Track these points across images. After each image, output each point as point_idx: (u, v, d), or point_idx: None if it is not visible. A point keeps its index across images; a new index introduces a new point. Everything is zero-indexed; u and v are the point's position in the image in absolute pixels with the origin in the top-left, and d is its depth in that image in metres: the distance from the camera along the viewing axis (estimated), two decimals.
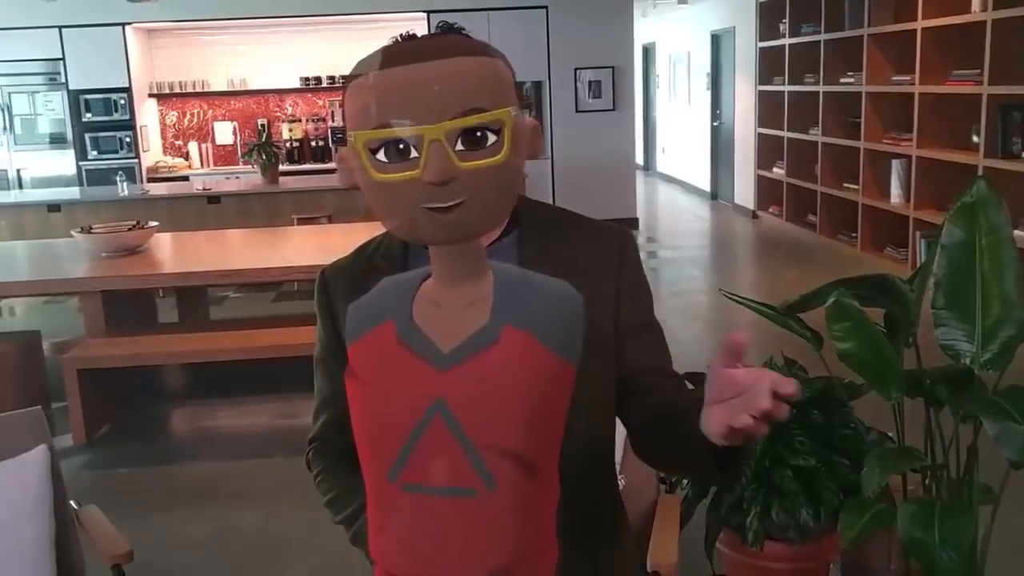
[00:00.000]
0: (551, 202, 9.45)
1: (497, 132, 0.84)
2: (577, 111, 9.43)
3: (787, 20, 8.61)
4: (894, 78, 6.89)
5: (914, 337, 2.19)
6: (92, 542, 2.12)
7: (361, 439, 0.92)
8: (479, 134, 0.84)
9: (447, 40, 0.88)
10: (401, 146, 0.84)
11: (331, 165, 9.24)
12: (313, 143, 9.41)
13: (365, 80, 0.87)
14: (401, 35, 0.93)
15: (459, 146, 0.83)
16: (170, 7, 8.50)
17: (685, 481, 2.42)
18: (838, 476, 2.38)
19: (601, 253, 1.16)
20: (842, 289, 2.09)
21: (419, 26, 9.34)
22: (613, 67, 9.29)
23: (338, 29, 9.30)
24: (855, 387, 2.43)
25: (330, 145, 9.37)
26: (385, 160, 0.85)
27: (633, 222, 9.56)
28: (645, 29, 13.36)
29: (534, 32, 9.26)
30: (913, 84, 6.48)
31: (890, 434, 2.48)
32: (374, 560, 0.93)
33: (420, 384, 0.87)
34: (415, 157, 0.83)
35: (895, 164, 6.96)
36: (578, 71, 9.33)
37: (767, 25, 9.21)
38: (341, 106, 0.97)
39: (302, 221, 6.91)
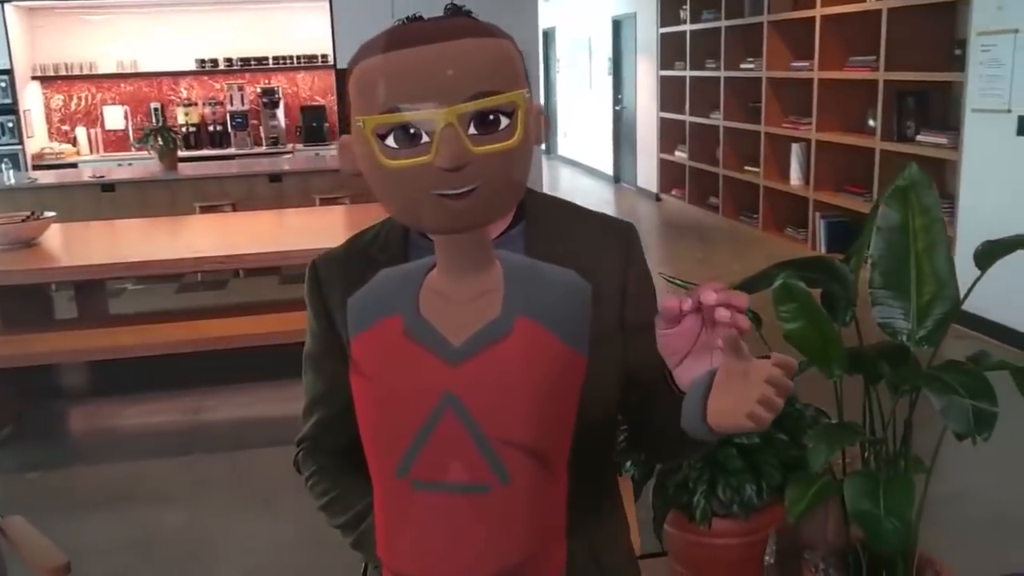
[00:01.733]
0: None
1: (510, 115, 0.82)
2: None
3: (688, 6, 8.78)
4: (793, 64, 7.12)
5: (853, 315, 2.26)
6: (21, 555, 1.99)
7: (368, 436, 0.90)
8: (492, 117, 0.81)
9: (454, 22, 0.86)
10: (412, 131, 0.81)
11: (231, 151, 8.95)
12: (211, 128, 9.07)
13: (372, 63, 0.83)
14: (407, 17, 0.90)
15: (471, 130, 0.80)
16: None
17: (629, 463, 2.44)
18: (779, 453, 2.45)
19: (607, 246, 1.15)
20: (789, 271, 2.13)
21: (323, 8, 9.08)
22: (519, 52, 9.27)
23: (236, 9, 8.98)
24: None
25: (229, 130, 9.06)
26: (395, 146, 0.82)
27: None
28: (545, 13, 13.41)
29: (438, 15, 9.16)
30: (812, 70, 6.71)
31: (824, 410, 2.57)
32: (382, 560, 0.90)
33: (430, 378, 0.85)
34: (426, 142, 0.80)
35: (795, 147, 7.20)
36: None
37: (668, 11, 9.37)
38: (346, 92, 0.92)
39: (205, 209, 6.67)
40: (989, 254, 2.06)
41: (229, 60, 8.99)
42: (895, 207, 2.23)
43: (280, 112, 9.14)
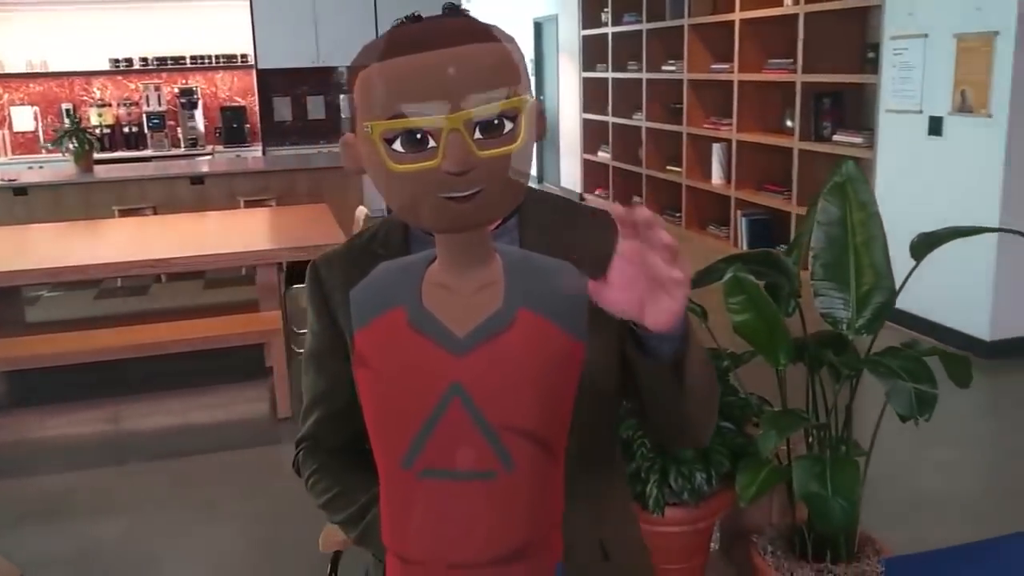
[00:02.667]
0: None
1: (513, 119, 0.84)
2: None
3: (609, 9, 8.92)
4: (713, 66, 7.31)
5: (797, 306, 2.35)
6: None
7: (373, 427, 0.91)
8: (496, 122, 0.84)
9: (457, 24, 0.87)
10: (418, 136, 0.83)
11: (148, 153, 8.71)
12: (126, 129, 8.82)
13: (378, 68, 0.85)
14: (406, 17, 0.91)
15: (476, 134, 0.83)
16: None
17: None
18: (726, 441, 2.53)
19: (598, 236, 1.16)
20: (738, 264, 2.21)
21: (242, 6, 8.90)
22: None
23: (152, 7, 8.74)
24: (738, 357, 2.59)
25: (145, 131, 8.82)
26: (401, 150, 0.84)
27: None
28: (473, 11, 13.42)
29: (362, 14, 9.10)
30: (732, 72, 6.90)
31: (767, 399, 2.66)
32: (387, 546, 0.92)
33: (435, 369, 0.87)
34: (433, 147, 0.83)
35: (716, 147, 7.40)
36: None
37: (589, 13, 9.50)
38: (350, 92, 0.93)
39: (124, 213, 6.48)
40: (925, 245, 2.18)
41: (145, 59, 8.76)
42: (834, 202, 2.34)
43: (199, 113, 8.94)
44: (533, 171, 12.11)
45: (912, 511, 3.19)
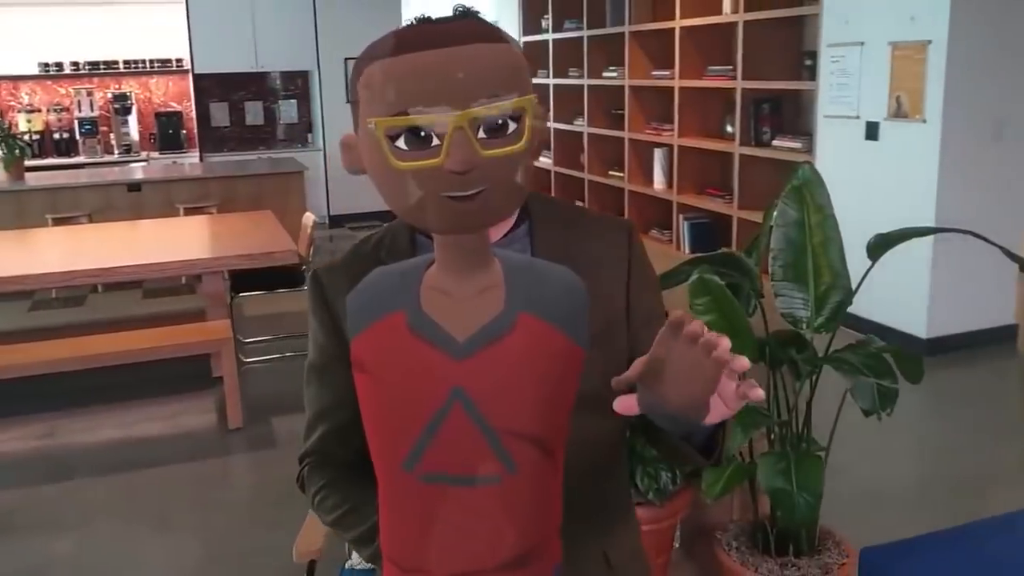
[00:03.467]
0: (325, 190, 9.27)
1: (517, 120, 0.84)
2: (347, 102, 9.26)
3: (550, 16, 8.99)
4: (654, 73, 7.42)
5: (757, 306, 2.41)
6: None
7: (373, 432, 0.90)
8: (500, 122, 0.83)
9: (464, 25, 0.87)
10: (422, 133, 0.83)
11: (80, 160, 8.47)
12: (57, 135, 8.56)
13: (384, 64, 0.85)
14: (416, 18, 0.91)
15: (480, 134, 0.83)
16: None
17: None
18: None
19: (610, 243, 1.17)
20: (704, 266, 2.25)
21: (177, 10, 8.71)
22: None
23: (82, 9, 8.50)
24: None
25: (77, 138, 8.57)
26: (405, 148, 0.83)
27: None
28: (408, 19, 13.39)
29: (301, 19, 9.00)
30: (672, 79, 7.01)
31: None
32: (385, 556, 0.91)
33: (436, 374, 0.86)
34: (436, 145, 0.82)
35: (657, 153, 7.51)
36: (348, 61, 9.18)
37: (530, 20, 9.56)
38: (354, 89, 0.93)
39: (58, 221, 6.29)
40: (881, 246, 2.25)
41: (76, 64, 8.52)
42: (792, 205, 2.40)
43: (133, 119, 8.73)
44: None
45: (865, 504, 3.29)
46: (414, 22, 0.90)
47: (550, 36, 9.01)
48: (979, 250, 2.26)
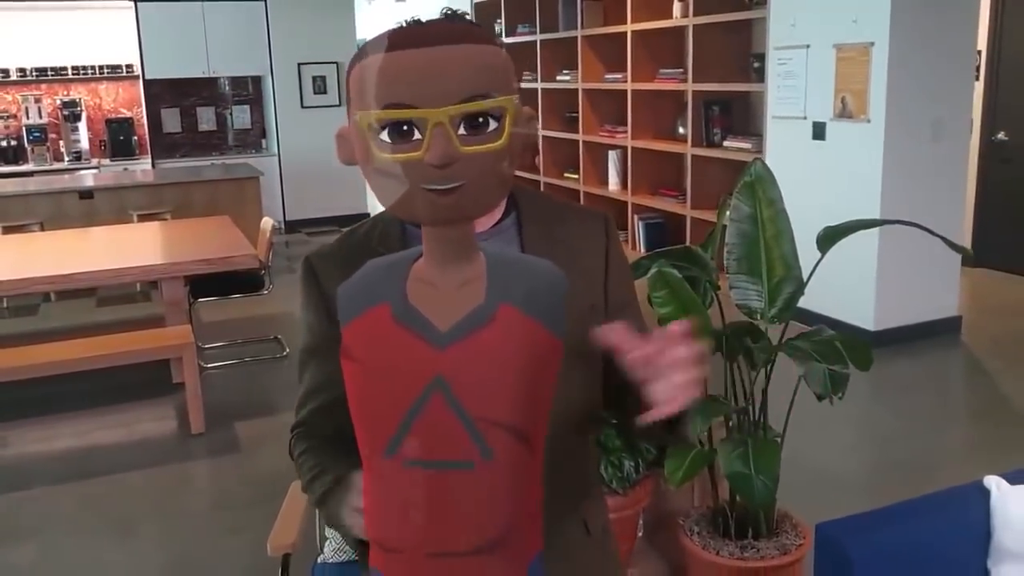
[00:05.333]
0: (280, 196, 9.22)
1: (498, 119, 0.88)
2: (303, 107, 9.27)
3: (503, 20, 9.06)
4: (607, 76, 7.53)
5: (714, 298, 2.49)
6: None
7: (358, 417, 0.93)
8: (481, 120, 0.87)
9: (453, 26, 0.91)
10: (405, 128, 0.86)
11: (28, 167, 8.33)
12: (3, 143, 8.40)
13: (373, 60, 0.89)
14: (407, 20, 0.95)
15: (461, 131, 0.86)
16: None
17: None
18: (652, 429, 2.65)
19: (590, 232, 1.22)
20: (661, 260, 2.33)
21: (126, 14, 8.59)
22: (337, 63, 9.23)
23: (29, 14, 8.37)
24: None
25: (25, 145, 8.43)
26: (389, 141, 0.87)
27: (364, 217, 9.59)
28: (365, 24, 13.35)
29: (253, 24, 8.96)
30: (625, 82, 7.13)
31: None
32: (370, 536, 0.94)
33: (419, 362, 0.89)
34: (418, 139, 0.86)
35: (611, 154, 7.61)
36: (301, 66, 9.16)
37: (483, 24, 9.58)
38: (347, 84, 0.98)
39: (9, 230, 6.20)
40: (830, 238, 2.35)
41: (23, 70, 8.38)
42: (745, 200, 2.48)
43: (83, 125, 8.61)
44: None
45: (819, 487, 3.40)
46: (405, 24, 0.94)
47: (503, 40, 9.08)
48: (923, 245, 2.37)
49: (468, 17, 0.96)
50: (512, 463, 0.89)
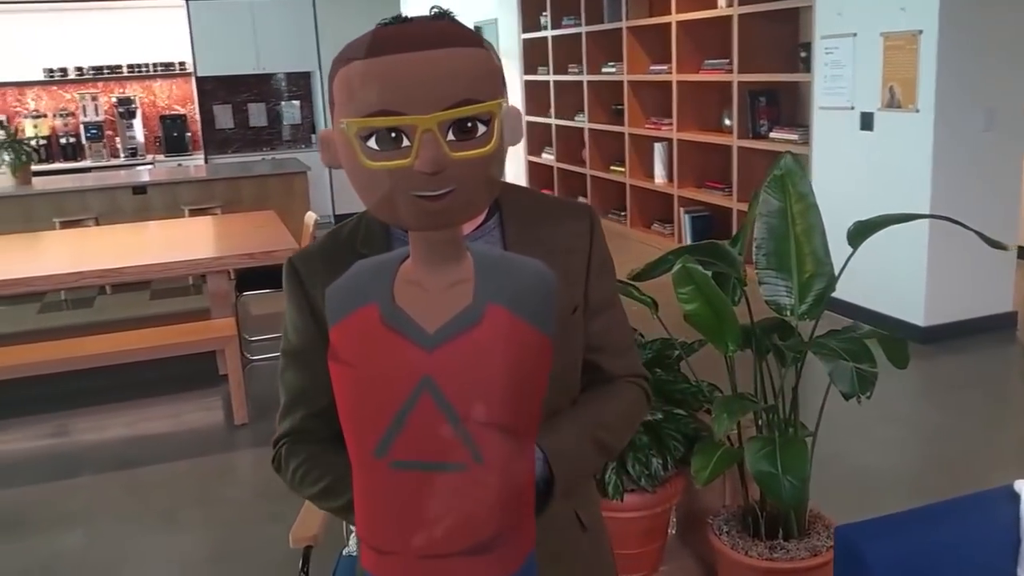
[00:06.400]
0: (329, 189, 9.33)
1: (487, 123, 0.88)
2: None
3: (548, 13, 9.04)
4: (652, 67, 7.46)
5: (743, 294, 2.46)
6: None
7: (347, 419, 0.93)
8: (469, 124, 0.87)
9: (439, 27, 0.90)
10: (393, 134, 0.86)
11: (86, 163, 8.57)
12: (63, 140, 8.65)
13: (358, 66, 0.88)
14: (392, 18, 0.93)
15: (450, 136, 0.86)
16: None
17: None
18: (680, 426, 2.62)
19: (574, 230, 1.20)
20: (686, 256, 2.31)
21: (178, 13, 8.79)
22: None
23: (85, 15, 8.59)
24: (688, 345, 2.69)
25: (83, 142, 8.66)
26: (376, 148, 0.87)
27: None
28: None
29: (302, 21, 9.07)
30: (670, 73, 7.06)
31: (717, 385, 2.77)
32: (361, 537, 0.94)
33: (407, 363, 0.89)
34: (407, 146, 0.85)
35: (657, 147, 7.55)
36: None
37: (529, 17, 9.61)
38: (331, 87, 0.98)
39: (66, 225, 6.38)
40: (861, 232, 2.29)
41: (80, 69, 8.61)
42: (774, 194, 2.44)
43: (137, 122, 8.82)
44: None
45: (857, 487, 3.34)
46: (390, 21, 0.92)
47: (549, 33, 9.06)
48: (975, 238, 2.29)
49: (454, 15, 0.94)
50: (503, 463, 0.89)
